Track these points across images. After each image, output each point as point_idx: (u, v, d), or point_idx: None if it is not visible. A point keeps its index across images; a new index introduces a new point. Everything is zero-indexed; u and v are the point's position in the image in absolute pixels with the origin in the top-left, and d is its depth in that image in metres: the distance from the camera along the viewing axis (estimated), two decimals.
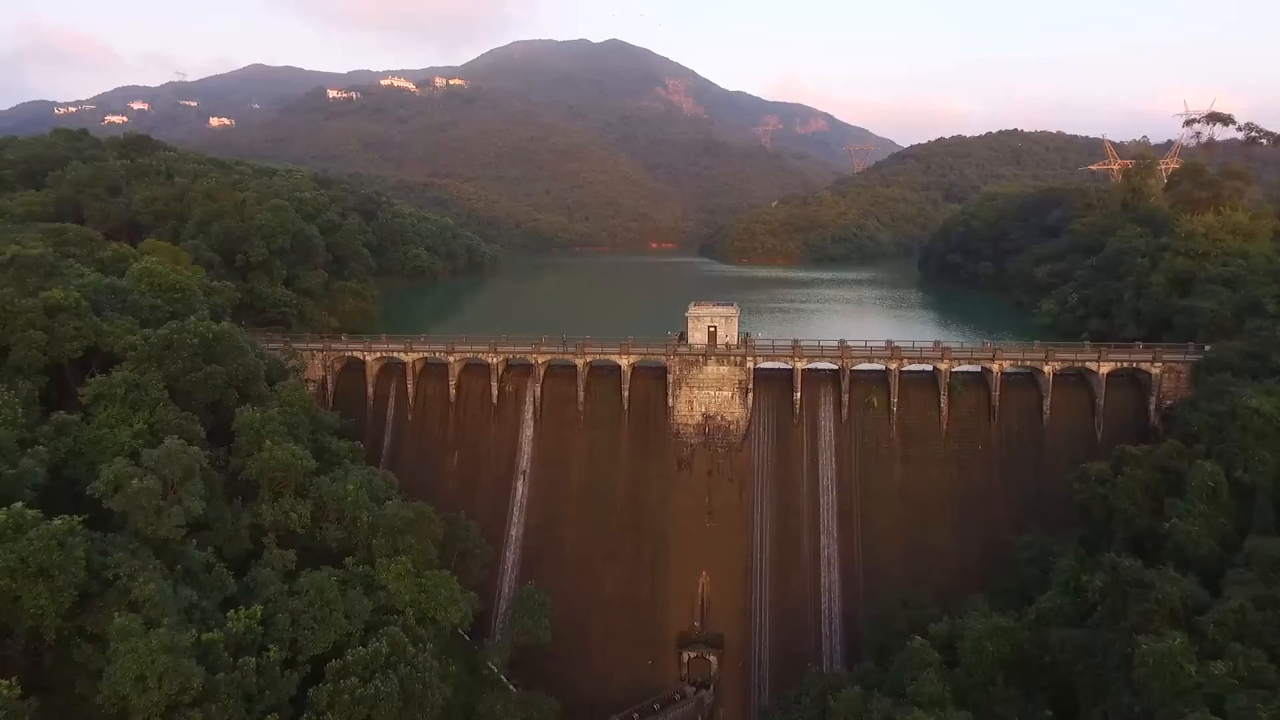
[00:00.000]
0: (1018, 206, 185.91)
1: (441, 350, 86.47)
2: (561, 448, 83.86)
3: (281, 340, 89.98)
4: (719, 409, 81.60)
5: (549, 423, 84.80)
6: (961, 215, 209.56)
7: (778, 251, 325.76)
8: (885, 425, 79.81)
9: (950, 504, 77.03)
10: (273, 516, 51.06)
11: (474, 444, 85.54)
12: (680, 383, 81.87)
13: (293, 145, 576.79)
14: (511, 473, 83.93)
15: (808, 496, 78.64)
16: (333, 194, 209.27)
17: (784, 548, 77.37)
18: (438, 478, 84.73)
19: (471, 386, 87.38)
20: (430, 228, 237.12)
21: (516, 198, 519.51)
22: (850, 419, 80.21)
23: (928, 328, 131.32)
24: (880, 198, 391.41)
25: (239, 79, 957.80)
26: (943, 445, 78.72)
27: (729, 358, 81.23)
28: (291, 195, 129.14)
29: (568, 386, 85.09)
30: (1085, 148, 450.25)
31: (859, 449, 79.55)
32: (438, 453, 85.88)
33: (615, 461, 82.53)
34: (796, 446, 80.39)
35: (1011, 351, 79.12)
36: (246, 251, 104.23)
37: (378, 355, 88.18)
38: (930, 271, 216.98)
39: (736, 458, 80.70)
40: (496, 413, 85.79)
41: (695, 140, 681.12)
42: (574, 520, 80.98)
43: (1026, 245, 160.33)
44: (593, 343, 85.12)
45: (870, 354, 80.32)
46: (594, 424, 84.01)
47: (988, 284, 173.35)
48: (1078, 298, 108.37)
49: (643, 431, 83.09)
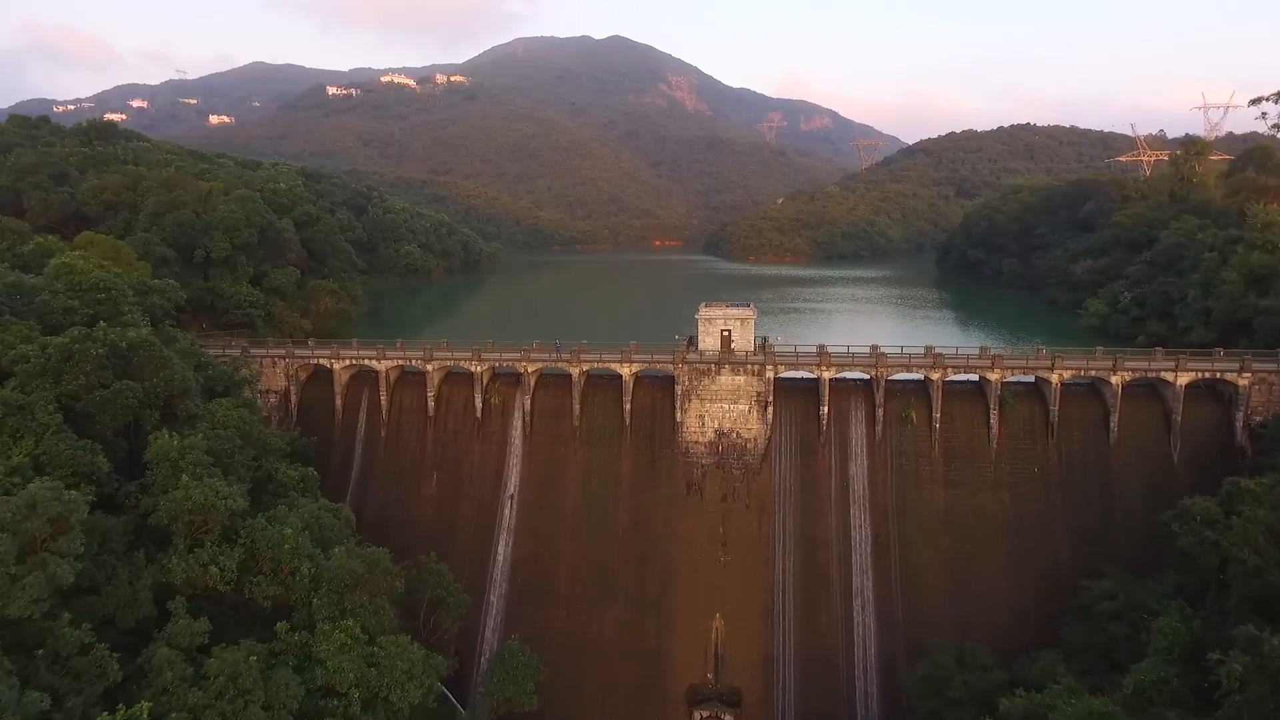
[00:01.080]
0: (1044, 200, 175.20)
1: (418, 357, 76.27)
2: (554, 468, 73.65)
3: (241, 345, 79.85)
4: (734, 424, 71.33)
5: (540, 439, 74.60)
6: (983, 209, 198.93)
7: (785, 249, 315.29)
8: (925, 443, 69.45)
9: (1002, 535, 66.63)
10: (186, 572, 40.84)
11: (455, 464, 75.36)
12: (690, 394, 71.62)
13: (291, 142, 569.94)
14: (497, 497, 73.73)
15: (837, 526, 68.33)
16: (320, 188, 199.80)
17: (810, 585, 67.06)
18: (413, 503, 74.61)
19: (453, 398, 77.20)
20: (424, 224, 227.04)
21: (517, 195, 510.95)
22: (885, 436, 69.88)
23: (957, 330, 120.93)
24: (890, 194, 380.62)
25: (239, 77, 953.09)
26: (992, 467, 68.30)
27: (745, 366, 70.94)
28: (265, 186, 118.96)
29: (561, 399, 74.90)
30: (1100, 142, 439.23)
31: (896, 471, 69.19)
32: (414, 474, 75.70)
33: (615, 484, 72.29)
34: (823, 467, 70.08)
35: (1073, 359, 68.64)
36: (206, 246, 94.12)
37: (347, 363, 78.01)
38: (949, 269, 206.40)
39: (754, 481, 70.41)
40: (481, 428, 75.61)
41: (699, 137, 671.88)
42: (568, 552, 70.77)
43: (1057, 240, 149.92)
44: (589, 349, 74.96)
45: (909, 362, 69.96)
46: (591, 441, 73.80)
47: (1013, 282, 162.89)
48: (1131, 297, 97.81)
49: (647, 450, 72.84)
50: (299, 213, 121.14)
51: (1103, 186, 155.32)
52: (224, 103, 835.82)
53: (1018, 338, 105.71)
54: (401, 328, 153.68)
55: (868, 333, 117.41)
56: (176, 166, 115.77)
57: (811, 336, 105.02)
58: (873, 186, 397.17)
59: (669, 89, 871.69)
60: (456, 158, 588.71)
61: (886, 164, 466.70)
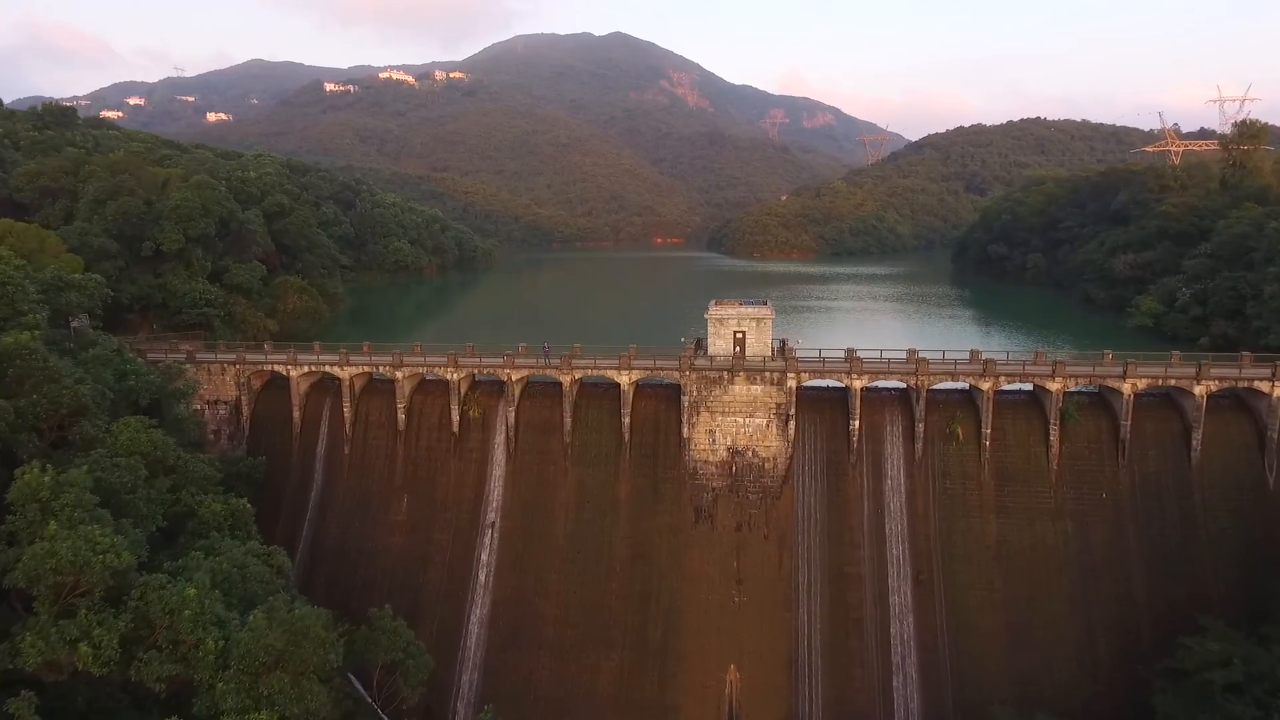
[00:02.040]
0: (1069, 192, 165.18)
1: (386, 363, 66.46)
2: (542, 491, 63.86)
3: (188, 349, 70.08)
4: (750, 441, 61.51)
5: (526, 458, 64.82)
6: (1004, 202, 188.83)
7: (791, 245, 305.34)
8: (974, 464, 59.61)
9: (1066, 572, 56.77)
10: (45, 653, 31.17)
11: (428, 485, 65.57)
12: (698, 406, 61.80)
13: (287, 139, 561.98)
14: (476, 524, 63.93)
15: (871, 560, 58.50)
16: (305, 181, 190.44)
17: (841, 632, 57.25)
18: (380, 530, 64.83)
19: (426, 410, 67.42)
20: (415, 219, 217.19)
21: (516, 191, 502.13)
22: (926, 455, 60.07)
23: (987, 331, 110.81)
24: (898, 189, 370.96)
25: (238, 74, 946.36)
26: (1052, 492, 58.42)
27: (763, 374, 61.11)
28: (232, 175, 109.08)
29: (550, 411, 65.13)
30: (1113, 136, 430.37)
31: (939, 496, 59.36)
32: (381, 497, 65.91)
33: (612, 510, 62.49)
34: (854, 492, 60.25)
35: (1148, 367, 58.71)
36: (156, 238, 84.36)
37: (306, 369, 68.22)
38: (966, 265, 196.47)
39: (774, 507, 60.59)
40: (458, 444, 65.81)
41: (700, 133, 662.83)
42: (557, 590, 60.96)
43: (1086, 234, 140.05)
44: (582, 353, 65.21)
45: (954, 369, 60.07)
46: (584, 460, 64.03)
47: (1038, 278, 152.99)
48: (1190, 294, 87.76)
49: (649, 470, 63.02)
50: (270, 203, 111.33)
51: (1136, 176, 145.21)
52: (222, 100, 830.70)
53: (1057, 340, 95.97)
54: (389, 328, 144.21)
55: (891, 335, 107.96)
56: (130, 150, 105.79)
57: (828, 338, 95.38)
58: (880, 182, 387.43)
59: (670, 85, 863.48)
60: (455, 154, 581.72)
61: (893, 159, 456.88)
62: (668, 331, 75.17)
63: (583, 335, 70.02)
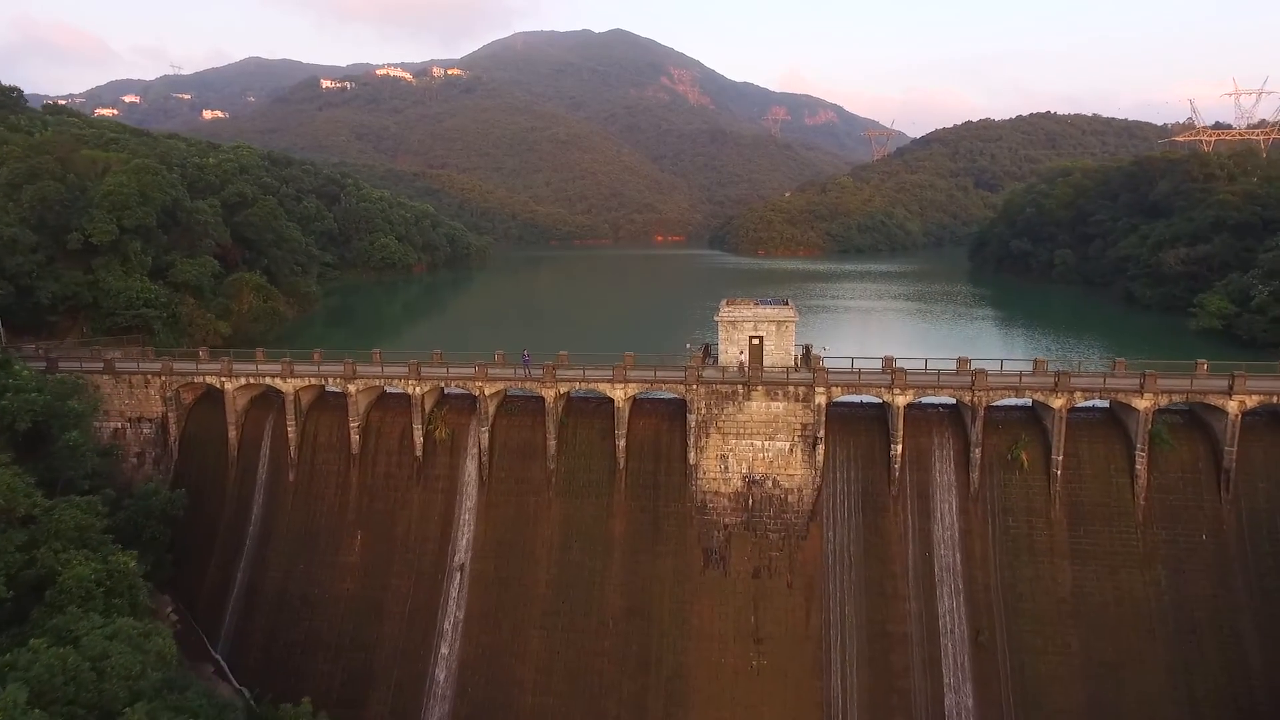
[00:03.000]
0: (1100, 183, 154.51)
1: (337, 374, 56.05)
2: (520, 528, 53.49)
3: (105, 358, 59.73)
4: (770, 469, 51.18)
5: (502, 487, 54.46)
6: (1028, 195, 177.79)
7: (797, 242, 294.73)
8: (1041, 497, 49.22)
9: (1159, 633, 46.35)
10: None
11: (386, 519, 55.18)
12: (708, 427, 51.46)
13: (282, 136, 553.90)
14: (442, 566, 53.56)
15: (919, 616, 48.13)
16: (286, 174, 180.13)
17: (883, 705, 46.88)
18: (329, 573, 54.47)
19: (385, 429, 57.08)
20: (404, 214, 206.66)
21: (515, 189, 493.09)
22: (984, 486, 49.69)
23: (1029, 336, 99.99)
24: (906, 184, 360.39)
25: (235, 72, 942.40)
26: (1138, 532, 48.00)
27: (785, 388, 50.75)
28: (187, 161, 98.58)
29: (531, 431, 54.79)
30: (1125, 130, 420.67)
31: (1000, 536, 48.97)
32: (331, 533, 55.52)
33: (604, 551, 52.13)
34: (896, 531, 49.89)
35: (1262, 381, 48.30)
36: (84, 229, 73.88)
37: (243, 381, 57.80)
38: (985, 262, 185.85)
39: (799, 549, 50.25)
40: (421, 471, 55.45)
41: (701, 130, 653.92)
42: (537, 649, 50.57)
43: (1121, 227, 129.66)
44: (570, 363, 54.93)
45: (1018, 383, 49.64)
46: (571, 490, 53.68)
47: (1067, 275, 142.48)
48: (1269, 291, 77.26)
49: (648, 503, 52.66)
50: (230, 193, 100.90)
51: (1177, 165, 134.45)
52: (219, 98, 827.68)
53: (1108, 347, 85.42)
54: (372, 330, 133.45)
55: (922, 340, 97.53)
56: (64, 132, 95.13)
57: (851, 343, 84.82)
58: (887, 177, 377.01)
59: (671, 83, 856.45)
60: (453, 151, 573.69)
61: (900, 155, 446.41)
62: (671, 336, 64.96)
63: (578, 339, 60.18)
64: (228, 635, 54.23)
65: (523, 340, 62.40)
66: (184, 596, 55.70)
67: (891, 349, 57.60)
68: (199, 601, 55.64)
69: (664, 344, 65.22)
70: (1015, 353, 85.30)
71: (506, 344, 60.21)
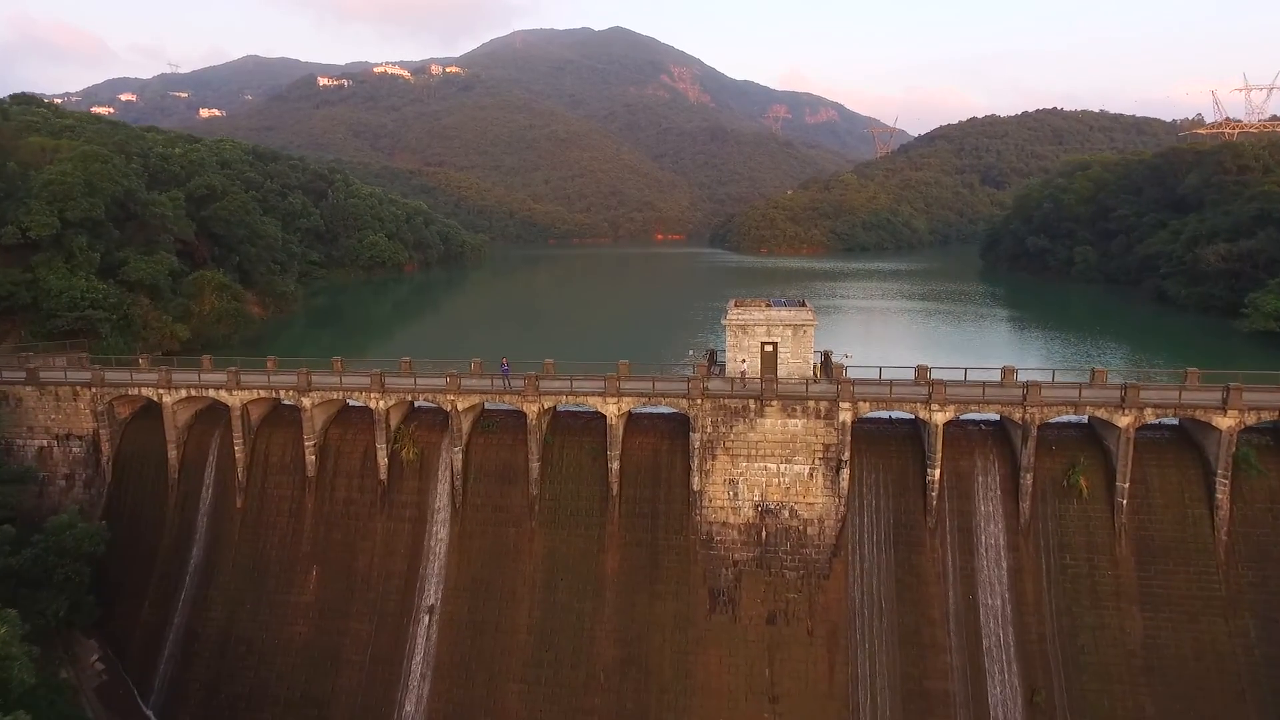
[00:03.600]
0: (1121, 176, 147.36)
1: (290, 386, 49.02)
2: (499, 563, 46.50)
3: (30, 366, 52.68)
4: (786, 496, 44.21)
5: (478, 516, 47.48)
6: (1045, 189, 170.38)
7: (801, 240, 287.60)
8: (1104, 531, 42.22)
9: (1251, 694, 39.31)
10: None
11: (345, 552, 48.18)
12: (714, 447, 44.49)
13: (278, 134, 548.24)
14: (409, 608, 46.57)
15: (962, 671, 41.12)
16: (272, 169, 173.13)
17: None
18: (278, 615, 47.46)
19: (345, 449, 50.07)
20: (395, 211, 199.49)
21: (513, 187, 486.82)
22: (1036, 517, 42.71)
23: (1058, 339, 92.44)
24: (911, 181, 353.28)
25: (233, 70, 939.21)
26: (1221, 574, 40.98)
27: (805, 402, 43.75)
28: (150, 151, 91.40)
29: (511, 451, 47.81)
30: (1134, 126, 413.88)
31: (1057, 577, 41.97)
32: (283, 567, 48.53)
33: (595, 592, 45.14)
34: (934, 569, 42.90)
35: None
36: (21, 221, 66.81)
37: (185, 394, 50.79)
38: (998, 259, 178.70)
39: (821, 590, 43.25)
40: (386, 497, 48.45)
41: (702, 128, 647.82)
42: (517, 708, 43.57)
43: (1146, 223, 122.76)
44: (555, 374, 48.00)
45: (1077, 398, 42.59)
46: (557, 520, 46.70)
47: (1088, 273, 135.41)
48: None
49: (646, 535, 45.68)
50: (197, 185, 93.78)
51: (1208, 157, 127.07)
52: (216, 96, 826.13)
53: (1149, 351, 78.41)
54: (358, 333, 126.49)
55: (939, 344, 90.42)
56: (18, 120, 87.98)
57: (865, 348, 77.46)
58: (892, 174, 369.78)
59: (671, 81, 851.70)
60: (450, 150, 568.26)
61: (904, 151, 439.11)
62: (672, 339, 58.07)
63: (574, 342, 53.71)
64: (162, 686, 47.26)
65: (514, 343, 55.88)
66: (114, 640, 48.81)
67: (915, 355, 50.99)
68: (131, 646, 48.65)
69: (665, 349, 58.43)
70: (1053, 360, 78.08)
71: (497, 347, 53.57)
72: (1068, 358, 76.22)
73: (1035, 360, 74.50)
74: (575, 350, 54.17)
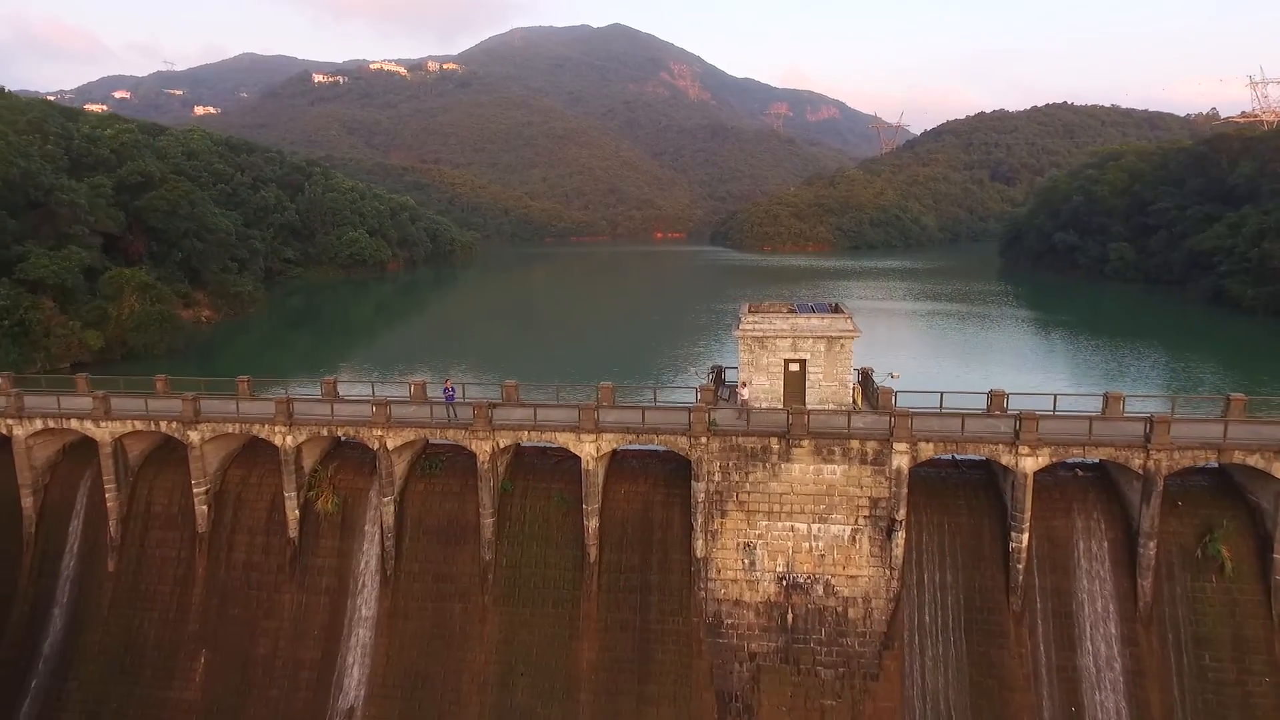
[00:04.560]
0: (1157, 167, 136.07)
1: (172, 416, 37.85)
2: (441, 651, 35.41)
3: None
4: (821, 566, 33.20)
5: (414, 588, 36.38)
6: (1073, 181, 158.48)
7: (806, 237, 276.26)
8: (1258, 619, 31.18)
9: None
10: None
11: (243, 633, 37.06)
12: (725, 499, 33.47)
13: (272, 130, 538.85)
14: (322, 710, 35.44)
15: None
16: (244, 160, 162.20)
17: None
18: (154, 715, 36.23)
19: (248, 497, 38.91)
20: (378, 206, 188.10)
21: (510, 184, 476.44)
22: (1161, 599, 31.66)
23: (1139, 353, 79.90)
24: (919, 177, 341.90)
25: (229, 68, 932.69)
26: None
27: (847, 442, 32.70)
28: (75, 132, 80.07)
29: (459, 502, 36.75)
30: (1146, 121, 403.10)
31: (1192, 681, 30.89)
32: (164, 654, 37.37)
33: (566, 693, 34.06)
34: (1019, 667, 31.85)
35: None
36: None
37: (42, 426, 39.56)
38: (1020, 256, 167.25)
39: (867, 695, 32.18)
40: (297, 561, 37.32)
41: (702, 125, 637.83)
42: None
43: (1189, 216, 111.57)
44: (515, 400, 36.98)
45: (1220, 439, 31.41)
46: (517, 594, 35.62)
47: (1123, 271, 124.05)
48: None
49: (632, 616, 34.62)
50: (130, 171, 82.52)
51: (1262, 143, 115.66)
52: (212, 94, 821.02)
53: (1241, 367, 67.24)
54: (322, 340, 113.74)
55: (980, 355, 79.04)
56: None
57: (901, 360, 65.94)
58: (898, 170, 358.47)
59: (671, 78, 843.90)
60: (446, 146, 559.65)
61: (910, 147, 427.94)
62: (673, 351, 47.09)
63: (557, 354, 42.41)
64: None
65: (493, 353, 45.05)
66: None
67: (959, 370, 39.79)
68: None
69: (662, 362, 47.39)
70: (1129, 379, 66.63)
71: (474, 357, 42.70)
72: (1153, 375, 64.92)
73: (1102, 378, 63.31)
74: (560, 362, 44.07)
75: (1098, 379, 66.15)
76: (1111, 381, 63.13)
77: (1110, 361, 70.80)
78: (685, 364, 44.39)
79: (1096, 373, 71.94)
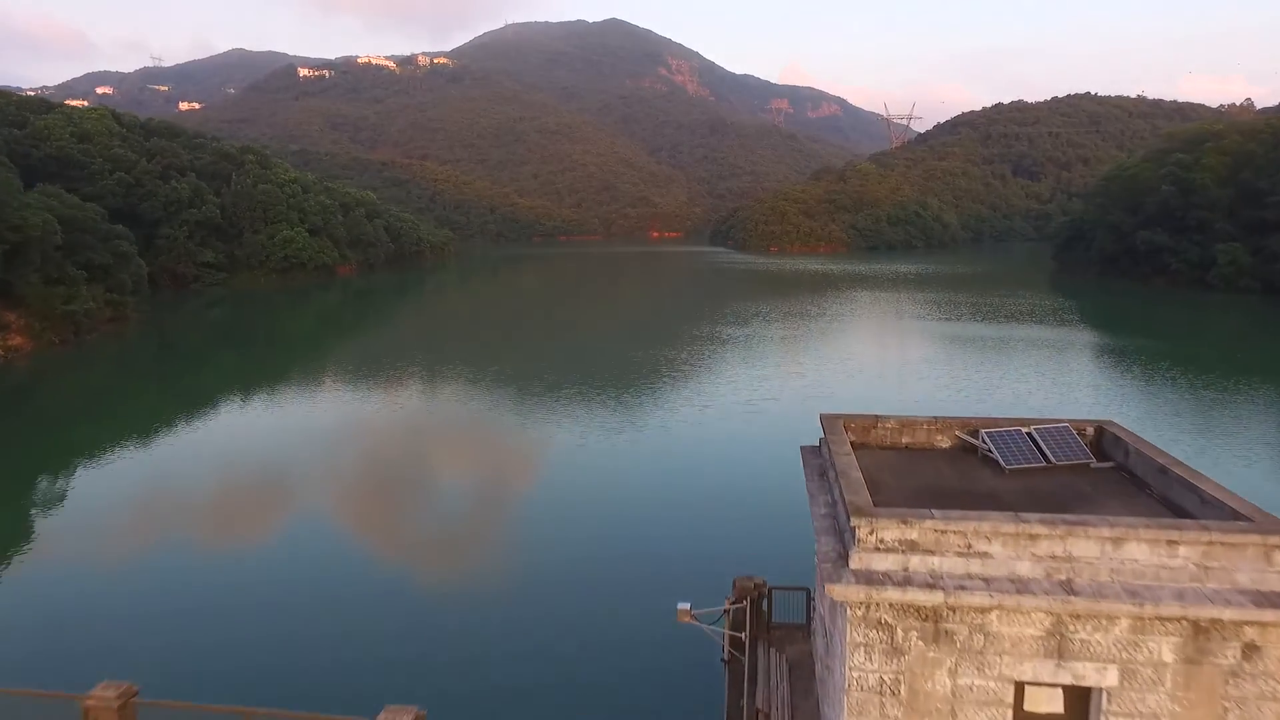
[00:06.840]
0: (1272, 148, 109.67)
1: None
2: None
3: None
4: None
5: None
6: (1158, 169, 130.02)
7: (818, 237, 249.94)
8: None
9: None
10: None
11: None
12: None
13: (254, 125, 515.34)
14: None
15: None
16: (154, 145, 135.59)
17: None
18: None
19: None
20: (324, 201, 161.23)
21: (499, 181, 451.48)
22: None
23: None
24: (935, 172, 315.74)
25: (217, 64, 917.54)
26: None
27: None
28: None
29: None
30: (1177, 112, 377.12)
31: None
32: None
33: None
34: None
35: None
36: None
37: None
38: (1081, 261, 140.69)
39: None
40: None
41: (701, 121, 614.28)
42: None
43: None
44: None
45: None
46: None
47: (1235, 280, 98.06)
48: None
49: None
50: None
51: None
52: (199, 89, 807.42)
53: None
54: (209, 381, 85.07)
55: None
56: None
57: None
58: (913, 164, 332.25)
59: (669, 73, 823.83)
60: (435, 142, 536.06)
61: (923, 140, 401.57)
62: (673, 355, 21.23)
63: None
64: None
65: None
66: None
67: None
68: None
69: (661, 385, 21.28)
70: None
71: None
72: None
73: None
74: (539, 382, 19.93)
75: None
76: None
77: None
78: (687, 397, 19.79)
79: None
